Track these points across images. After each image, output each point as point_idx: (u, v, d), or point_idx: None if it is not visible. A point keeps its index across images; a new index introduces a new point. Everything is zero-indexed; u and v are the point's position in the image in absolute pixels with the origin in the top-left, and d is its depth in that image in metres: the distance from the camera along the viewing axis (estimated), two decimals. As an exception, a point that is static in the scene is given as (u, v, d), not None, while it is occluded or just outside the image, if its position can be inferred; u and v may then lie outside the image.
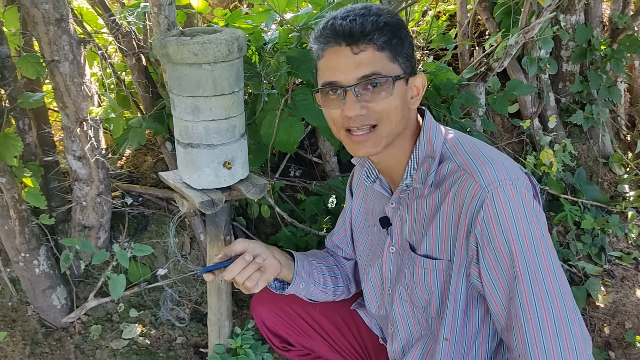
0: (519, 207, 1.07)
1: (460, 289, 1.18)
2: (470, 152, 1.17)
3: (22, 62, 1.65)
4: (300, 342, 1.65)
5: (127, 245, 2.20)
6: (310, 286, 1.49)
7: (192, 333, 2.14)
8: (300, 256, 1.49)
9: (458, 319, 1.21)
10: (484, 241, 1.09)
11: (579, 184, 2.73)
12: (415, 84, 1.18)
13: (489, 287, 1.11)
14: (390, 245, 1.34)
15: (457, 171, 1.16)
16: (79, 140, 1.87)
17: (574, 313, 1.04)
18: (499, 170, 1.11)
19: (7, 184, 1.71)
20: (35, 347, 2.00)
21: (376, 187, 1.36)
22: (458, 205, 1.13)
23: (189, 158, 1.55)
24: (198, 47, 1.39)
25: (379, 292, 1.43)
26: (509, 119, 2.80)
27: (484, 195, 1.08)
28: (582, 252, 2.54)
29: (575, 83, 2.78)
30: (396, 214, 1.31)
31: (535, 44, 2.56)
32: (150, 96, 2.07)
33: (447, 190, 1.17)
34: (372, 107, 1.12)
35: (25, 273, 1.97)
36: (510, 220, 1.06)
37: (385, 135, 1.16)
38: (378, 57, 1.11)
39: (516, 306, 1.05)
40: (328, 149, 2.40)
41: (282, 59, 1.79)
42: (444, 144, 1.22)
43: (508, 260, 1.06)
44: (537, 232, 1.06)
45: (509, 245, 1.06)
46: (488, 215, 1.07)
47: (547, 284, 1.04)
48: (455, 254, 1.16)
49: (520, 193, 1.08)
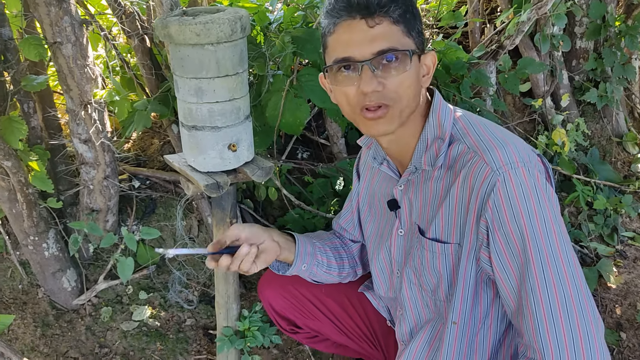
0: (531, 190, 1.04)
1: (470, 272, 1.16)
2: (481, 133, 1.14)
3: (24, 45, 1.63)
4: (308, 324, 1.65)
5: (136, 229, 2.20)
6: (314, 267, 1.48)
7: (201, 315, 2.15)
8: (303, 238, 1.48)
9: (467, 303, 1.19)
10: (495, 225, 1.06)
11: (592, 163, 2.68)
12: (426, 62, 1.15)
13: (499, 271, 1.09)
14: (399, 228, 1.32)
15: (467, 153, 1.13)
16: (84, 123, 1.86)
17: (586, 298, 1.01)
18: (510, 152, 1.08)
19: (13, 168, 1.71)
20: (46, 328, 2.02)
21: (383, 169, 1.33)
22: (468, 188, 1.11)
23: (194, 141, 1.53)
24: (200, 27, 1.36)
25: (388, 275, 1.42)
26: (520, 98, 2.75)
27: (495, 178, 1.05)
28: (594, 233, 2.50)
29: (589, 60, 2.71)
30: (405, 196, 1.29)
31: (548, 21, 2.50)
32: (155, 78, 2.05)
33: (457, 172, 1.14)
34: (387, 85, 1.08)
35: (35, 256, 1.98)
36: (522, 204, 1.03)
37: (398, 114, 1.12)
38: (394, 30, 1.07)
39: (527, 291, 1.03)
40: (336, 131, 2.37)
41: (287, 39, 1.75)
42: (453, 124, 1.19)
43: (519, 244, 1.04)
44: (549, 216, 1.03)
45: (520, 229, 1.03)
46: (499, 199, 1.05)
47: (560, 269, 1.01)
48: (465, 237, 1.14)
49: (532, 175, 1.06)
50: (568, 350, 0.99)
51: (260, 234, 1.34)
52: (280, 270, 1.50)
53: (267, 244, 1.34)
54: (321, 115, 2.48)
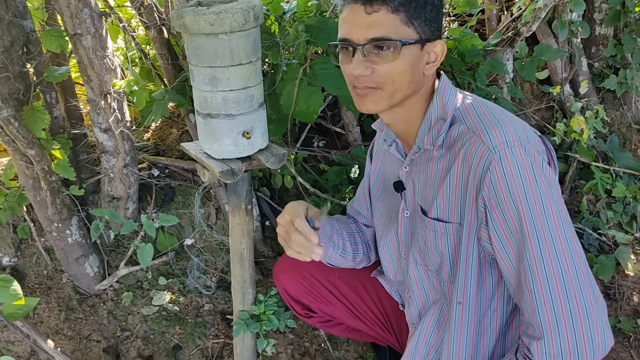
0: (527, 169, 1.05)
1: (472, 252, 1.18)
2: (482, 114, 1.16)
3: (45, 36, 1.68)
4: (322, 308, 1.68)
5: (155, 216, 2.26)
6: (330, 249, 1.50)
7: (218, 300, 2.20)
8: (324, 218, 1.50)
9: (471, 283, 1.21)
10: (492, 203, 1.08)
11: (612, 151, 2.66)
12: (435, 50, 1.16)
13: (498, 249, 1.11)
14: (404, 210, 1.34)
15: (467, 133, 1.15)
16: (104, 113, 1.91)
17: (585, 275, 1.03)
18: (507, 131, 1.09)
19: (37, 156, 1.77)
20: (70, 312, 2.09)
21: (392, 150, 1.36)
22: (467, 167, 1.13)
23: (209, 128, 1.56)
24: (214, 16, 1.39)
25: (396, 257, 1.44)
26: (538, 86, 2.73)
27: (491, 156, 1.07)
28: (612, 221, 2.48)
29: (609, 47, 2.67)
30: (409, 177, 1.31)
31: (566, 7, 2.47)
32: (173, 68, 2.09)
33: (457, 152, 1.16)
34: (377, 70, 1.13)
35: (59, 242, 2.05)
36: (518, 182, 1.05)
37: (387, 96, 1.16)
38: (391, 19, 1.10)
39: (525, 269, 1.05)
40: (351, 119, 2.38)
41: (301, 27, 1.78)
42: (457, 107, 1.21)
43: (516, 222, 1.05)
44: (546, 194, 1.05)
45: (517, 207, 1.05)
46: (495, 177, 1.06)
47: (557, 246, 1.03)
48: (465, 217, 1.16)
49: (529, 155, 1.07)
50: (567, 327, 1.01)
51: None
52: None
53: None
54: (336, 104, 2.50)
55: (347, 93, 1.85)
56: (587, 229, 2.40)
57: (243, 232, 1.76)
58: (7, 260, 2.15)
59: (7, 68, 1.63)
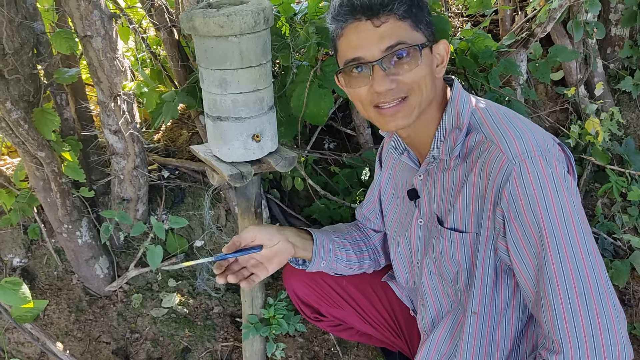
0: (548, 179, 1.02)
1: (488, 262, 1.16)
2: (499, 122, 1.13)
3: (56, 38, 1.68)
4: (331, 312, 1.67)
5: (165, 218, 2.25)
6: (333, 263, 1.50)
7: (228, 303, 2.19)
8: (320, 235, 1.48)
9: (486, 293, 1.18)
10: (511, 215, 1.05)
11: (627, 154, 2.61)
12: (439, 52, 1.15)
13: (516, 261, 1.08)
14: (418, 218, 1.32)
15: (484, 142, 1.12)
16: (114, 115, 1.90)
17: (606, 289, 1.00)
18: (527, 141, 1.06)
19: (47, 158, 1.76)
20: (80, 314, 2.09)
21: (404, 159, 1.34)
22: (485, 177, 1.10)
23: (218, 131, 1.55)
24: (224, 19, 1.38)
25: (408, 265, 1.42)
26: (552, 87, 2.69)
27: (511, 167, 1.04)
28: (627, 225, 2.44)
29: (625, 48, 2.63)
30: (424, 186, 1.29)
31: (581, 7, 2.43)
32: (183, 70, 2.08)
33: (474, 162, 1.13)
34: (401, 80, 1.09)
35: (69, 244, 2.05)
36: (538, 194, 1.02)
37: (416, 105, 1.13)
38: (401, 26, 1.08)
39: (545, 282, 1.02)
40: (362, 121, 2.36)
41: (312, 29, 1.76)
42: (472, 114, 1.18)
43: (536, 234, 1.02)
44: (567, 206, 1.02)
45: (537, 219, 1.02)
46: (515, 189, 1.04)
47: (578, 260, 1.00)
48: (482, 227, 1.13)
49: (550, 165, 1.04)
50: (587, 342, 0.98)
51: (275, 235, 1.35)
52: (301, 266, 1.52)
53: (281, 246, 1.36)
54: (347, 106, 2.48)
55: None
56: (602, 233, 2.36)
57: (252, 235, 1.75)
58: (17, 261, 2.16)
59: (17, 70, 1.63)
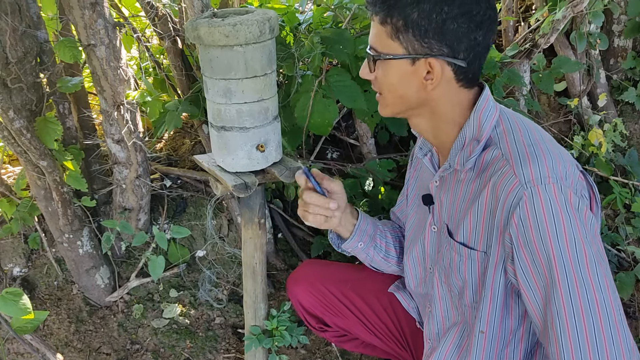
0: (561, 208, 0.98)
1: (498, 283, 1.13)
2: (519, 141, 1.09)
3: (59, 47, 1.67)
4: (336, 322, 1.65)
5: (167, 227, 2.24)
6: (370, 250, 1.49)
7: (230, 314, 2.17)
8: (367, 217, 1.49)
9: (496, 313, 1.16)
10: (520, 241, 1.02)
11: (630, 165, 2.60)
12: (430, 69, 1.09)
13: (524, 288, 1.05)
14: (432, 224, 1.31)
15: (499, 160, 1.09)
16: (116, 124, 1.89)
17: (618, 327, 0.95)
18: (543, 166, 1.02)
19: (49, 167, 1.75)
20: (80, 324, 2.07)
21: (425, 161, 1.32)
22: (495, 198, 1.07)
23: (222, 141, 1.54)
24: (229, 28, 1.37)
25: (420, 270, 1.40)
26: (555, 98, 2.68)
27: (522, 192, 1.01)
28: (631, 236, 2.42)
29: (628, 59, 2.62)
30: (438, 192, 1.27)
31: (584, 18, 2.43)
32: (187, 79, 2.07)
33: (488, 179, 1.10)
34: (376, 76, 1.16)
35: (70, 253, 2.03)
36: (549, 222, 0.98)
37: (389, 105, 1.19)
38: (380, 30, 1.11)
39: (553, 314, 0.98)
40: (365, 131, 2.36)
41: (317, 39, 1.75)
42: (495, 127, 1.14)
43: (546, 264, 0.99)
44: (580, 237, 0.98)
45: (547, 249, 0.98)
46: (525, 215, 1.00)
47: (589, 294, 0.95)
48: (492, 247, 1.11)
49: (564, 194, 1.00)
50: None
51: (346, 200, 1.41)
52: (335, 243, 1.52)
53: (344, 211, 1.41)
54: (351, 116, 2.48)
55: (362, 106, 1.82)
56: (606, 244, 2.34)
57: (256, 246, 1.74)
58: (17, 271, 2.14)
59: (20, 79, 1.62)
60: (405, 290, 1.56)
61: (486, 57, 1.12)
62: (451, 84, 1.12)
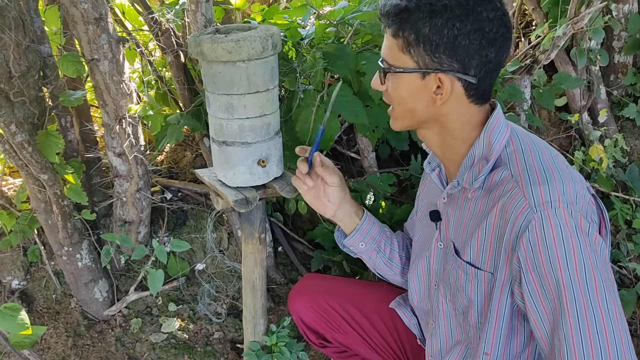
0: (571, 233, 0.97)
1: (504, 304, 1.12)
2: (529, 162, 1.08)
3: (62, 61, 1.68)
4: (337, 338, 1.64)
5: (167, 240, 2.23)
6: (373, 253, 1.50)
7: (229, 328, 2.15)
8: (373, 220, 1.51)
9: (501, 335, 1.15)
10: (529, 265, 1.01)
11: (631, 180, 2.60)
12: (441, 84, 1.09)
13: (531, 312, 1.03)
14: (438, 240, 1.30)
15: (509, 182, 1.08)
16: (118, 137, 1.89)
17: (627, 354, 0.93)
18: (554, 189, 1.01)
19: (49, 181, 1.75)
20: (77, 339, 2.05)
21: (434, 176, 1.31)
22: (504, 220, 1.06)
23: (224, 156, 1.54)
24: (232, 44, 1.38)
25: (424, 285, 1.39)
26: (555, 113, 2.69)
27: (531, 215, 1.00)
28: (633, 253, 2.42)
29: (628, 75, 2.63)
30: (445, 209, 1.27)
31: (584, 35, 2.44)
32: (189, 93, 2.08)
33: (496, 200, 1.09)
34: (386, 88, 1.17)
35: (69, 266, 2.02)
36: (559, 247, 0.97)
37: (399, 118, 1.19)
38: (392, 43, 1.11)
39: (561, 340, 0.96)
40: (366, 145, 2.35)
41: (319, 54, 1.76)
42: (505, 147, 1.13)
43: (554, 290, 0.97)
44: (590, 263, 0.96)
45: (556, 274, 0.97)
46: (535, 239, 0.99)
47: (598, 323, 0.93)
48: (499, 269, 1.10)
49: (575, 219, 0.99)
50: None
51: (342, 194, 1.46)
52: (340, 241, 1.55)
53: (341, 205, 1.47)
54: (352, 129, 2.48)
55: (363, 121, 1.82)
56: (607, 261, 2.33)
57: (256, 261, 1.73)
58: (16, 284, 2.13)
59: (23, 92, 1.63)
60: (407, 306, 1.55)
61: (498, 74, 1.12)
62: (461, 100, 1.11)
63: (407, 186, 2.44)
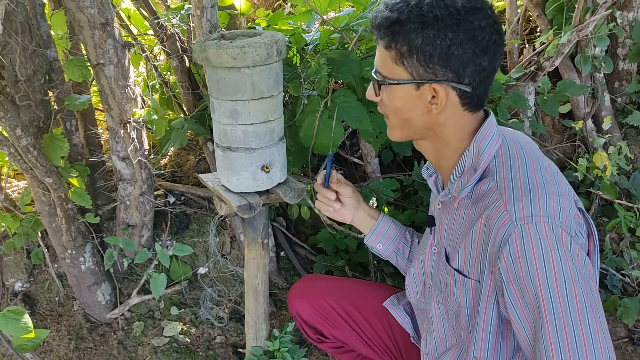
0: (552, 247, 0.97)
1: (491, 311, 1.13)
2: (515, 174, 1.08)
3: (68, 66, 1.69)
4: (333, 334, 1.66)
5: (169, 244, 2.24)
6: (392, 254, 1.54)
7: (230, 333, 2.15)
8: (390, 221, 1.55)
9: (489, 341, 1.15)
10: (510, 278, 1.01)
11: (635, 188, 2.59)
12: (436, 94, 1.09)
13: (514, 321, 1.04)
14: (432, 245, 1.32)
15: (494, 193, 1.08)
16: (122, 141, 1.90)
17: None
18: (536, 203, 1.01)
19: (54, 184, 1.76)
20: (80, 342, 2.06)
21: (430, 182, 1.33)
22: (487, 231, 1.07)
23: (228, 161, 1.55)
24: (237, 51, 1.38)
25: (420, 287, 1.41)
26: (560, 120, 2.69)
27: (512, 229, 1.00)
28: (636, 261, 2.41)
29: (632, 82, 2.63)
30: (440, 215, 1.28)
31: (589, 42, 2.44)
32: (193, 97, 2.08)
33: (482, 210, 1.10)
34: (381, 99, 1.17)
35: (72, 269, 2.03)
36: (539, 261, 0.97)
37: (395, 128, 1.19)
38: (384, 55, 1.11)
39: (541, 353, 0.96)
40: (369, 150, 2.36)
41: (323, 60, 1.76)
42: (494, 157, 1.13)
43: (534, 303, 0.97)
44: (570, 277, 0.95)
45: (535, 288, 0.97)
46: (515, 252, 0.99)
47: (578, 338, 0.93)
48: (485, 278, 1.11)
49: (555, 233, 0.98)
50: None
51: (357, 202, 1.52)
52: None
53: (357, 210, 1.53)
54: (355, 134, 2.48)
55: (367, 127, 1.82)
56: (611, 269, 2.33)
57: (259, 266, 1.73)
58: (19, 286, 2.14)
59: (29, 96, 1.63)
60: (400, 306, 1.58)
61: (492, 81, 1.11)
62: (456, 108, 1.11)
63: (409, 192, 2.44)
